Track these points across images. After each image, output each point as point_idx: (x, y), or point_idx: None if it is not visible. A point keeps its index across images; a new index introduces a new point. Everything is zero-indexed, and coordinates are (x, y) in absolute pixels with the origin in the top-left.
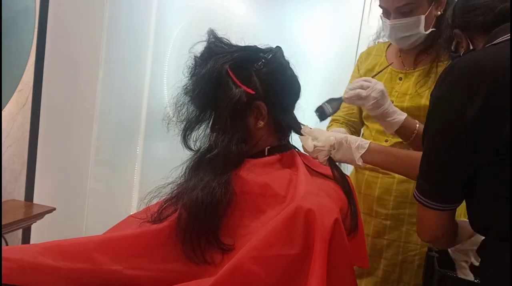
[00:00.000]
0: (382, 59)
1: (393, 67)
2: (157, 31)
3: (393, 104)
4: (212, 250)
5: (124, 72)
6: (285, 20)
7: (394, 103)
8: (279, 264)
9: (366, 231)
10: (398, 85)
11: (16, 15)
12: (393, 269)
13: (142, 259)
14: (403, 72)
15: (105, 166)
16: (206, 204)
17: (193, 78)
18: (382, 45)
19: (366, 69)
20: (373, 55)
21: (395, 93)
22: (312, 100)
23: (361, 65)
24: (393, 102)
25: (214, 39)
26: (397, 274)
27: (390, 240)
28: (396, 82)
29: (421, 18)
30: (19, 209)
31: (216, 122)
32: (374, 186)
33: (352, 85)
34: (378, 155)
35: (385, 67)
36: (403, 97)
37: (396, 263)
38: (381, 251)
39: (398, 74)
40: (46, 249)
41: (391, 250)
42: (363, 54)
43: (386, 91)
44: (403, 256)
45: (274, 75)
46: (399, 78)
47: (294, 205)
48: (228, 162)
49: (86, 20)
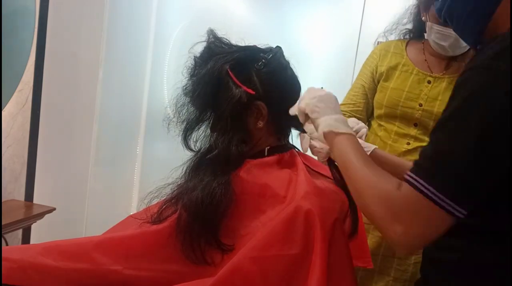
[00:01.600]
0: (405, 60)
1: (420, 69)
2: (157, 31)
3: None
4: (212, 250)
5: (124, 72)
6: (285, 20)
7: (424, 106)
8: (278, 264)
9: (378, 232)
10: (427, 88)
11: (16, 15)
12: (405, 268)
13: (142, 259)
14: (432, 76)
15: (105, 166)
16: (206, 205)
17: (193, 78)
18: (399, 43)
19: (389, 66)
20: (391, 53)
21: (424, 96)
22: None
23: (381, 62)
24: (421, 105)
25: (214, 39)
26: (410, 274)
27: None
28: (424, 85)
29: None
30: (19, 209)
31: (216, 122)
32: None
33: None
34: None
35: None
36: (433, 102)
37: (409, 263)
38: (394, 250)
39: (427, 77)
40: (46, 249)
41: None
42: (381, 51)
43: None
44: (416, 256)
45: (274, 75)
46: (428, 81)
47: (293, 205)
48: (228, 162)
49: (86, 20)
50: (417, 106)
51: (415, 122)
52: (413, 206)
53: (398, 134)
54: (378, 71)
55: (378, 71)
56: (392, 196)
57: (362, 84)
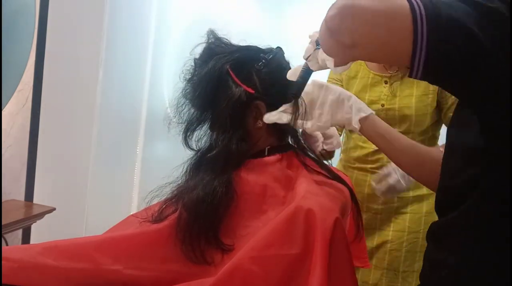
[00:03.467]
0: (363, 67)
1: (376, 72)
2: (157, 32)
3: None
4: (212, 250)
5: (124, 72)
6: (285, 20)
7: (386, 105)
8: (279, 264)
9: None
10: (385, 89)
11: (16, 15)
12: (382, 256)
13: (142, 259)
14: (387, 76)
15: (105, 166)
16: (207, 204)
17: (194, 79)
18: None
19: (348, 76)
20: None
21: (383, 96)
22: None
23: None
24: (383, 105)
25: (214, 39)
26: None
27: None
28: (382, 85)
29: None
30: (19, 209)
31: (216, 121)
32: (364, 184)
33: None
34: (379, 127)
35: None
36: (393, 100)
37: (386, 250)
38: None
39: (383, 78)
40: (46, 249)
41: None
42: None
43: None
44: (392, 244)
45: (274, 75)
46: (385, 81)
47: (294, 205)
48: (228, 161)
49: (86, 20)
50: (380, 107)
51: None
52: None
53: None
54: (344, 80)
55: (344, 80)
56: None
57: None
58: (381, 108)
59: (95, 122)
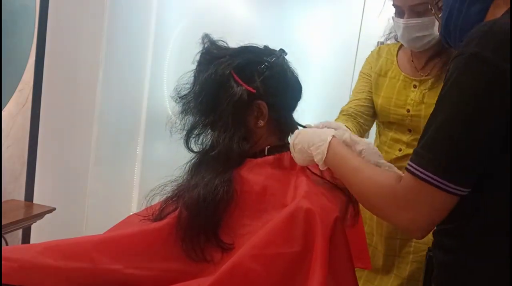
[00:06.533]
0: (394, 66)
1: (406, 74)
2: (157, 32)
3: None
4: (212, 248)
5: (124, 72)
6: (285, 20)
7: (411, 112)
8: (279, 262)
9: (380, 230)
10: (413, 93)
11: (16, 15)
12: (404, 266)
13: (142, 258)
14: (417, 80)
15: (105, 166)
16: (208, 202)
17: (196, 83)
18: (392, 48)
19: (377, 73)
20: (383, 58)
21: (410, 101)
22: (311, 100)
23: (373, 64)
24: (409, 111)
25: (210, 43)
26: (408, 272)
27: (402, 239)
28: (411, 90)
29: (435, 19)
30: (19, 209)
31: (217, 120)
32: None
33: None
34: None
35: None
36: (419, 106)
37: (408, 261)
38: (394, 250)
39: (412, 81)
40: (46, 249)
41: (404, 248)
42: (374, 54)
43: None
44: (414, 256)
45: (276, 76)
46: (414, 85)
47: (294, 204)
48: (229, 160)
49: (86, 20)
50: (406, 112)
51: (409, 128)
52: (416, 193)
53: (393, 140)
54: (372, 73)
55: (372, 73)
56: (395, 190)
57: (364, 84)
58: (407, 114)
59: (95, 123)
